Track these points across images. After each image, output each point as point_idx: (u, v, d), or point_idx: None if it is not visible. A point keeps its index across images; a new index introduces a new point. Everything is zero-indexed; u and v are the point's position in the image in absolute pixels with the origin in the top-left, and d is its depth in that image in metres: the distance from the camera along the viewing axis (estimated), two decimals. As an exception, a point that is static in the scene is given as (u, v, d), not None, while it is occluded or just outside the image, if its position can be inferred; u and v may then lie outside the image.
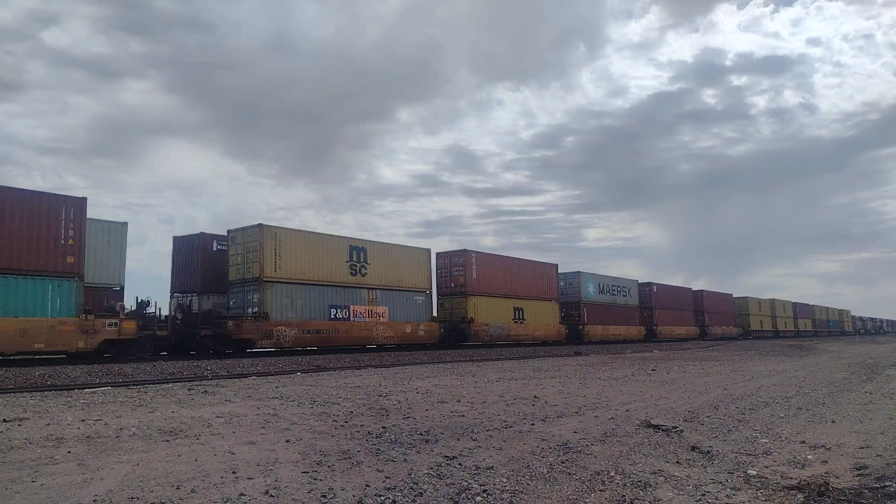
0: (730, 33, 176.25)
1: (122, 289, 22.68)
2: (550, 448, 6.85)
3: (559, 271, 42.07)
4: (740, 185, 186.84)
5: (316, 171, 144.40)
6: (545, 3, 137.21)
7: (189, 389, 12.19)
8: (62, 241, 19.48)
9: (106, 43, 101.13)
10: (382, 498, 4.88)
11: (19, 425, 7.79)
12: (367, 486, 5.20)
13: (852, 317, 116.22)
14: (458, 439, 7.24)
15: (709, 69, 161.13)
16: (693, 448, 7.08)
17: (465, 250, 34.67)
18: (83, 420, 8.23)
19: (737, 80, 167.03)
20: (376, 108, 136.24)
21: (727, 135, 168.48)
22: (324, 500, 4.80)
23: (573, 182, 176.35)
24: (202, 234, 26.41)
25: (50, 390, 12.32)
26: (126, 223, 23.15)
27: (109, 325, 20.28)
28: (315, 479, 5.36)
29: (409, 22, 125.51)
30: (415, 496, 4.97)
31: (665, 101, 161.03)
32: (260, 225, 24.75)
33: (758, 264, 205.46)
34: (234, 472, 5.50)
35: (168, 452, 6.29)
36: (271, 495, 4.86)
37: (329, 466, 5.82)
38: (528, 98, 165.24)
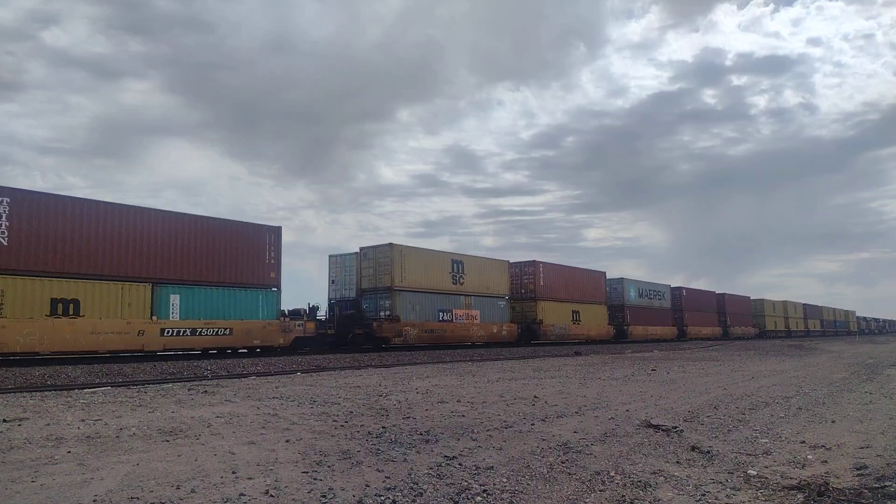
0: (730, 33, 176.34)
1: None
2: (550, 448, 6.85)
3: (606, 278, 47.51)
4: (740, 185, 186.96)
5: (316, 171, 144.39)
6: (545, 3, 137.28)
7: (189, 389, 12.20)
8: (266, 261, 25.44)
9: (106, 43, 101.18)
10: (382, 498, 4.88)
11: (19, 425, 7.79)
12: (367, 486, 5.20)
13: (857, 317, 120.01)
14: (458, 439, 7.24)
15: (709, 69, 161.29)
16: (693, 448, 7.08)
17: (534, 261, 39.84)
18: (83, 420, 8.23)
19: (737, 80, 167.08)
20: (376, 108, 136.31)
21: (727, 135, 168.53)
22: (324, 500, 4.80)
23: (573, 182, 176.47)
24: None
25: (50, 390, 12.32)
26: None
27: (298, 325, 26.71)
28: (315, 479, 5.37)
29: (409, 22, 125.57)
30: (415, 496, 4.97)
31: (665, 101, 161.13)
32: (390, 244, 30.26)
33: (758, 264, 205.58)
34: (234, 472, 5.50)
35: (168, 452, 6.30)
36: (271, 495, 4.86)
37: (329, 466, 5.82)
38: (528, 98, 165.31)
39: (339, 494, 4.93)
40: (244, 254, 24.74)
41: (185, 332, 22.50)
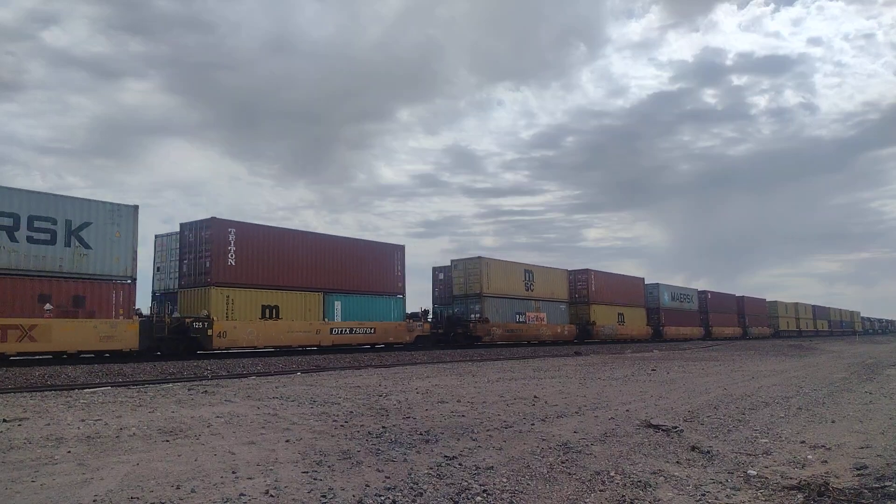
0: (730, 33, 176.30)
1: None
2: (550, 448, 6.85)
3: (644, 283, 53.14)
4: (740, 185, 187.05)
5: (316, 171, 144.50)
6: (545, 3, 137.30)
7: (189, 389, 12.20)
8: (395, 273, 31.37)
9: (106, 43, 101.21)
10: (382, 498, 4.88)
11: (19, 425, 7.79)
12: (367, 486, 5.20)
13: (861, 318, 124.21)
14: (458, 439, 7.24)
15: (709, 69, 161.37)
16: (693, 448, 7.08)
17: (587, 269, 45.52)
18: (83, 420, 8.23)
19: (737, 80, 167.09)
20: (376, 108, 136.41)
21: (727, 135, 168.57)
22: (324, 500, 4.80)
23: (573, 182, 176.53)
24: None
25: (50, 390, 12.32)
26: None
27: (418, 325, 32.29)
28: (315, 479, 5.36)
29: (409, 22, 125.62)
30: (415, 496, 4.97)
31: (665, 101, 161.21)
32: (479, 257, 36.53)
33: (758, 264, 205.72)
34: (234, 472, 5.50)
35: (168, 452, 6.29)
36: (271, 495, 4.86)
37: (329, 466, 5.82)
38: (529, 98, 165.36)
39: (339, 494, 4.93)
40: (380, 267, 30.58)
41: (346, 331, 28.12)
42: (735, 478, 5.89)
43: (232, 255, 24.15)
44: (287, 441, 6.96)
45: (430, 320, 33.93)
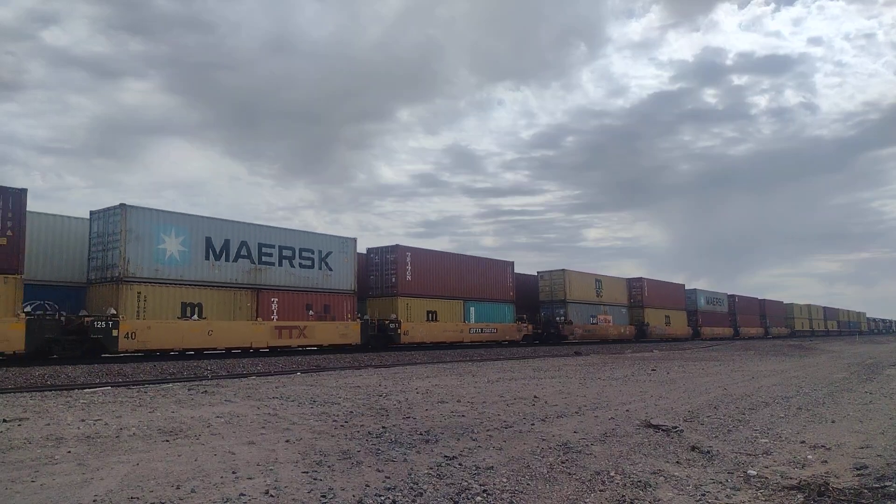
0: (731, 33, 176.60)
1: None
2: (550, 448, 6.84)
3: (685, 288, 60.07)
4: (740, 185, 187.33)
5: (316, 171, 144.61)
6: (545, 3, 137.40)
7: (189, 389, 12.19)
8: (507, 284, 38.56)
9: (106, 43, 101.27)
10: (382, 498, 4.88)
11: (19, 425, 7.79)
12: (367, 486, 5.20)
13: (867, 318, 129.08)
14: (458, 439, 7.24)
15: (709, 69, 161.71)
16: (693, 448, 7.08)
17: (641, 278, 52.69)
18: (83, 420, 8.22)
19: (737, 80, 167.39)
20: (376, 108, 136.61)
21: (728, 134, 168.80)
22: (324, 500, 4.80)
23: (573, 182, 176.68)
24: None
25: (50, 390, 12.31)
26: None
27: (524, 326, 39.30)
28: (315, 479, 5.36)
29: (409, 22, 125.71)
30: (415, 496, 4.97)
31: (665, 101, 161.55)
32: (563, 270, 43.58)
33: (758, 264, 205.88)
34: (234, 472, 5.50)
35: (168, 452, 6.29)
36: (271, 495, 4.86)
37: (329, 466, 5.82)
38: (529, 98, 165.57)
39: (339, 494, 4.93)
40: (498, 279, 37.97)
41: (479, 330, 35.51)
42: (735, 478, 5.89)
43: (410, 272, 31.69)
44: (287, 441, 6.96)
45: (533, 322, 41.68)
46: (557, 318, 42.50)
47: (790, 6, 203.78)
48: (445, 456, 6.33)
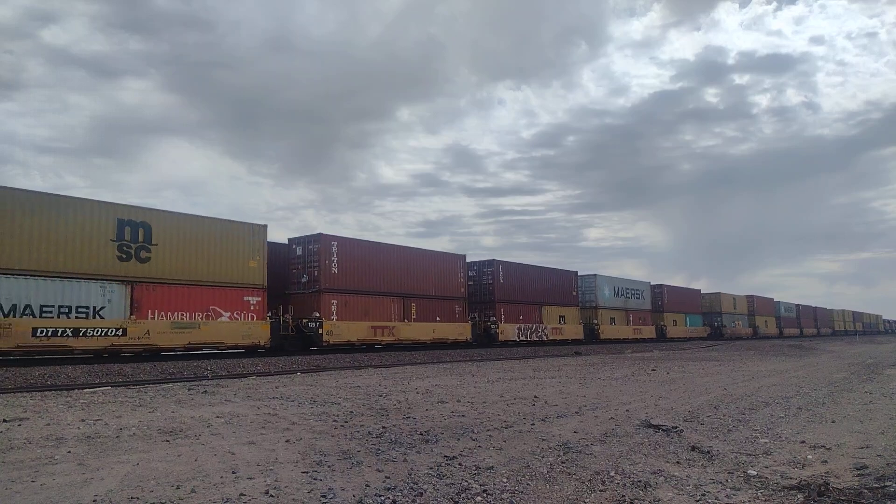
0: (732, 31, 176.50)
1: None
2: (550, 448, 6.85)
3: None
4: (742, 185, 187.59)
5: (316, 171, 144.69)
6: (546, 1, 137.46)
7: (189, 389, 12.19)
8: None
9: (105, 41, 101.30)
10: (382, 498, 4.88)
11: (19, 425, 7.79)
12: (367, 486, 5.20)
13: (883, 320, 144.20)
14: (458, 439, 7.24)
15: (711, 68, 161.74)
16: (693, 448, 7.08)
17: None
18: (83, 420, 8.22)
19: (739, 79, 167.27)
20: (376, 107, 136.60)
21: (729, 134, 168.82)
22: (324, 500, 4.80)
23: (574, 182, 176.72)
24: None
25: (50, 390, 12.31)
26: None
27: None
28: (315, 479, 5.36)
29: (409, 20, 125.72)
30: (415, 496, 4.97)
31: (667, 100, 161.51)
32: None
33: (759, 264, 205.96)
34: (234, 472, 5.50)
35: (168, 452, 6.29)
36: (271, 495, 4.86)
37: (329, 466, 5.82)
38: (529, 97, 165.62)
39: (339, 494, 4.93)
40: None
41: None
42: (735, 478, 5.89)
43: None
44: (287, 441, 6.96)
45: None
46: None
47: (792, 5, 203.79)
48: (445, 456, 6.33)
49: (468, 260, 36.18)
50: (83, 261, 19.80)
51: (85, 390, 12.14)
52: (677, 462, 6.46)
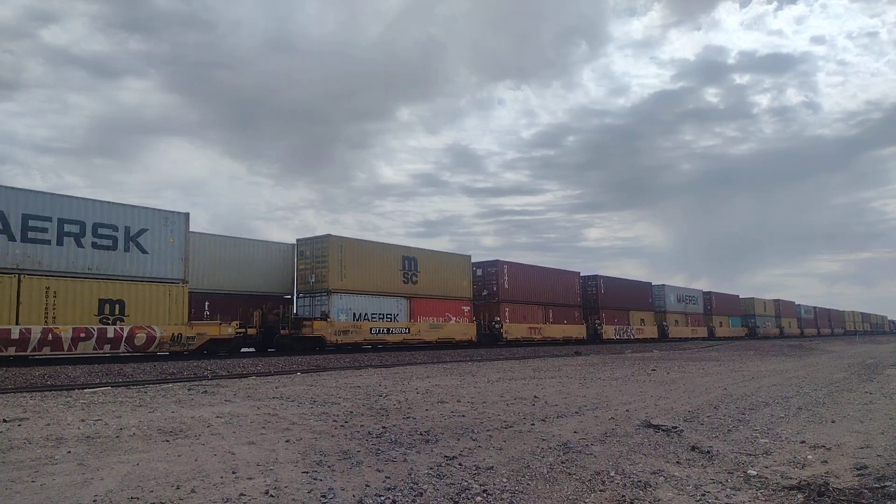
0: (732, 31, 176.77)
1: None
2: (550, 448, 6.85)
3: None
4: (742, 185, 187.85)
5: (316, 171, 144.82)
6: (547, 1, 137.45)
7: (189, 389, 12.19)
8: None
9: (105, 41, 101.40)
10: (382, 498, 4.88)
11: (19, 425, 7.79)
12: (367, 486, 5.20)
13: (889, 320, 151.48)
14: (458, 439, 7.24)
15: (711, 68, 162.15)
16: (693, 448, 7.08)
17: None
18: (83, 420, 8.23)
19: (739, 79, 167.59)
20: (376, 107, 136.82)
21: (729, 134, 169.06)
22: (324, 500, 4.80)
23: (574, 182, 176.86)
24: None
25: (50, 390, 12.32)
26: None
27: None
28: (315, 479, 5.36)
29: (409, 20, 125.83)
30: (415, 496, 4.97)
31: (667, 100, 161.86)
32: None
33: (759, 264, 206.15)
34: (234, 472, 5.50)
35: (168, 452, 6.29)
36: (271, 495, 4.86)
37: (329, 466, 5.82)
38: (529, 97, 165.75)
39: (339, 494, 4.93)
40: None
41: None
42: (735, 478, 5.89)
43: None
44: (287, 441, 6.96)
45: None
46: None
47: (792, 4, 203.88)
48: (445, 456, 6.34)
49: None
50: (386, 283, 30.60)
51: (85, 390, 12.14)
52: (677, 462, 6.46)
